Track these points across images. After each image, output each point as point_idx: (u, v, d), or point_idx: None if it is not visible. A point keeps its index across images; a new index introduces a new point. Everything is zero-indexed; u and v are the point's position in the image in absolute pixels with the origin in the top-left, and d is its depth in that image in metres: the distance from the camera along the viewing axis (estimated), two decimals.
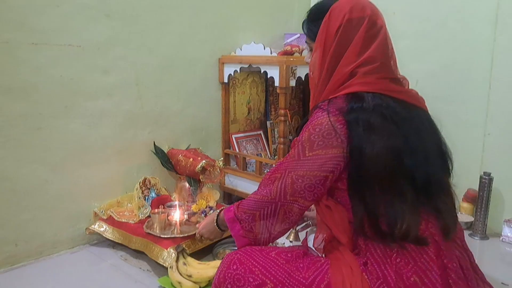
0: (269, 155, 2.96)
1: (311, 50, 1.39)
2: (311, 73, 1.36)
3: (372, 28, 1.25)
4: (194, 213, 2.16)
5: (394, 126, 1.18)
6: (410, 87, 1.37)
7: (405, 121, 1.20)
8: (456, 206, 1.31)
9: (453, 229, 1.22)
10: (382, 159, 1.15)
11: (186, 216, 2.13)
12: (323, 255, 1.36)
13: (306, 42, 1.43)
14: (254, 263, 1.24)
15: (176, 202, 2.17)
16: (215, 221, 1.52)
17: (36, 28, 1.97)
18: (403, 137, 1.18)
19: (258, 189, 1.36)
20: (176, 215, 2.07)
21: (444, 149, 1.28)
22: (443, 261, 1.15)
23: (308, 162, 1.21)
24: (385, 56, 1.28)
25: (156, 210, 2.11)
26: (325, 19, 1.28)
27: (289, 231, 1.47)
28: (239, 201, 1.40)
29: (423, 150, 1.19)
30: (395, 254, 1.16)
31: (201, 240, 1.70)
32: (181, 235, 2.00)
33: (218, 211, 1.53)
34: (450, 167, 1.30)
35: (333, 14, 1.26)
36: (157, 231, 2.05)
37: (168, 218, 2.07)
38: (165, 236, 2.01)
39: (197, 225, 1.85)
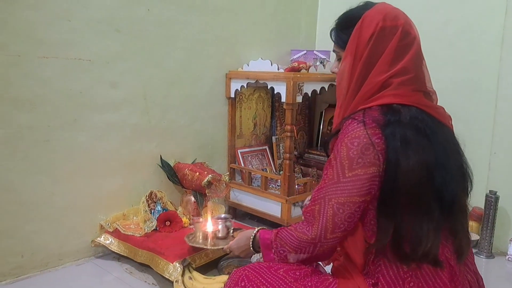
0: (274, 170, 2.97)
1: (339, 59, 1.34)
2: (338, 82, 1.31)
3: (406, 38, 1.22)
4: (237, 229, 2.10)
5: (426, 140, 1.16)
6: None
7: (436, 136, 1.18)
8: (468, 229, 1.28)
9: (466, 251, 1.21)
10: (416, 174, 1.12)
11: (231, 231, 2.07)
12: (330, 272, 1.36)
13: (333, 50, 1.37)
14: (263, 280, 1.23)
15: (222, 215, 2.09)
16: (251, 241, 1.44)
17: (46, 42, 2.00)
18: (434, 152, 1.15)
19: (301, 222, 1.28)
20: (209, 226, 1.97)
21: (465, 169, 1.24)
22: (457, 287, 1.14)
23: (348, 185, 1.15)
24: (419, 68, 1.25)
25: (200, 219, 2.06)
26: (356, 26, 1.23)
27: None
28: (279, 228, 1.33)
29: (450, 167, 1.17)
30: (409, 278, 1.14)
31: (229, 253, 1.65)
32: (213, 247, 1.92)
33: (255, 231, 1.44)
34: (469, 188, 1.26)
35: (366, 22, 1.22)
36: (200, 240, 1.96)
37: (202, 229, 1.98)
38: (194, 245, 1.95)
39: None
